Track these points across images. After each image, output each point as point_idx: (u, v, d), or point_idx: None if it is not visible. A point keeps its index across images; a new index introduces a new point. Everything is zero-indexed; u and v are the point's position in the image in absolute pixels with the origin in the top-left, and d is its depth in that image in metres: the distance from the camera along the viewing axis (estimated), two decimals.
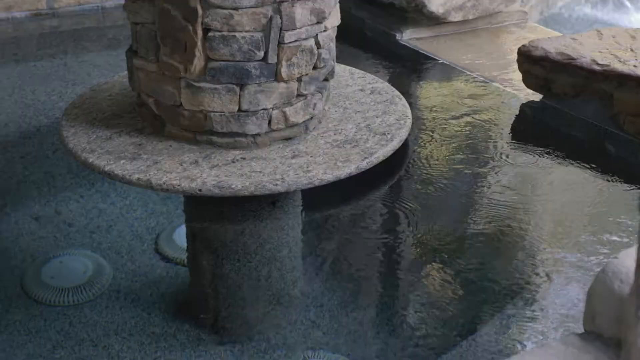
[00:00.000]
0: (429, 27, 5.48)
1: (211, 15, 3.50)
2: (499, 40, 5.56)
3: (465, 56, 5.24)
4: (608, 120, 4.17)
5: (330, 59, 3.87)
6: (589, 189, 3.86)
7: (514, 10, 5.77)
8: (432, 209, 3.68)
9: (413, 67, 5.25)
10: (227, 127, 3.68)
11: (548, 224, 3.59)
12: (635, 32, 4.47)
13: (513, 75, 4.90)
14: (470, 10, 5.46)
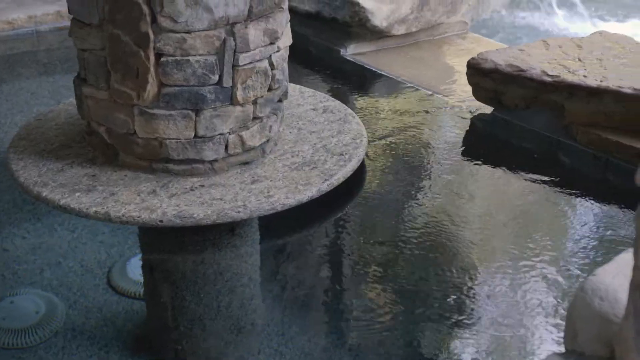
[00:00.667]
0: (372, 41, 5.48)
1: (163, 40, 3.43)
2: (442, 52, 5.59)
3: (410, 69, 5.25)
4: (560, 131, 4.21)
5: (284, 79, 3.83)
6: (541, 200, 3.88)
7: (455, 21, 5.81)
8: (388, 229, 3.66)
9: (359, 82, 5.24)
10: (183, 154, 3.61)
11: (500, 236, 3.60)
12: (580, 42, 4.52)
13: (460, 88, 4.92)
14: (413, 23, 5.48)
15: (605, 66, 4.17)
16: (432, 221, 3.67)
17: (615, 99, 3.94)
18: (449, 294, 3.17)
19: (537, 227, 3.65)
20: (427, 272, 3.34)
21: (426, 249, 3.47)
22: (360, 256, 3.48)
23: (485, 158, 4.25)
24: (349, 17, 5.29)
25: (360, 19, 5.26)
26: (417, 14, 5.46)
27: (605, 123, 4.01)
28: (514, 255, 3.42)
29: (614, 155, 3.97)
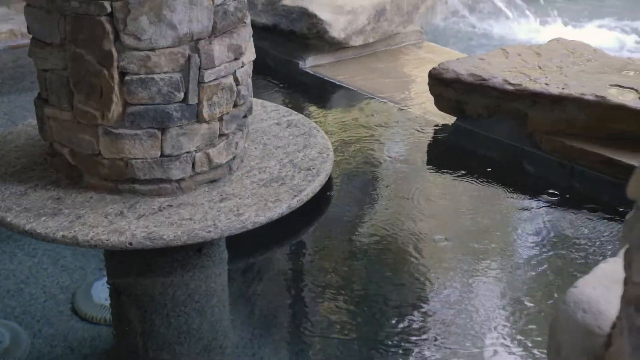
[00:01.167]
0: (330, 52, 5.48)
1: (127, 58, 3.38)
2: (400, 62, 5.61)
3: (370, 80, 5.26)
4: (524, 139, 4.24)
5: (248, 95, 3.80)
6: (506, 208, 3.90)
7: (411, 30, 5.83)
8: (353, 243, 3.64)
9: (319, 94, 5.23)
10: (150, 173, 3.56)
11: (464, 245, 3.61)
12: (539, 49, 4.56)
13: (421, 97, 4.94)
14: (370, 34, 5.48)
15: (565, 73, 4.21)
16: (397, 233, 3.67)
17: (577, 106, 3.97)
18: (418, 309, 3.17)
19: (502, 235, 3.68)
20: (392, 285, 3.33)
21: (393, 262, 3.47)
22: (327, 272, 3.45)
23: (449, 168, 4.26)
24: (307, 29, 5.28)
25: (318, 31, 5.25)
26: (374, 25, 5.47)
27: (568, 130, 4.04)
28: (476, 263, 3.44)
29: (579, 162, 4.00)
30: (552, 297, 3.25)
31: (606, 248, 3.63)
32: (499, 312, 3.14)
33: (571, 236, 3.67)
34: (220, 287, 3.51)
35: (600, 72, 4.21)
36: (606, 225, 3.76)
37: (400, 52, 5.76)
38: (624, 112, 3.88)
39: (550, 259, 3.48)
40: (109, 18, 3.32)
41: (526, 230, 3.72)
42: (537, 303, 3.21)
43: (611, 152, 3.91)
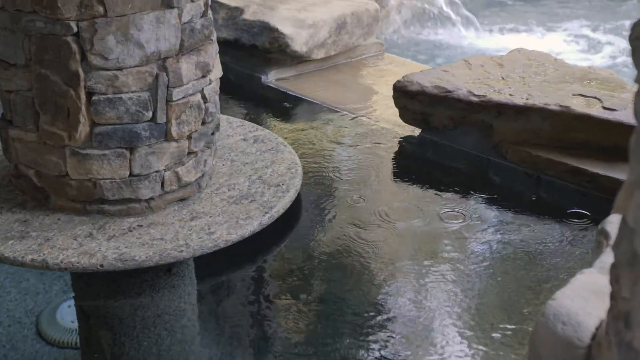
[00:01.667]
0: (292, 66, 5.50)
1: (94, 78, 3.37)
2: (361, 74, 5.64)
3: (332, 92, 5.29)
4: (490, 150, 4.29)
5: (216, 112, 3.80)
6: (472, 219, 3.94)
7: (371, 43, 5.87)
8: (325, 260, 3.65)
9: (282, 108, 5.24)
10: (118, 193, 3.54)
11: (429, 255, 3.64)
12: (501, 60, 4.62)
13: (384, 109, 4.98)
14: (331, 47, 5.51)
15: (528, 84, 4.26)
16: (365, 244, 3.70)
17: (542, 116, 4.03)
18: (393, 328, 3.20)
19: (465, 243, 3.72)
20: (367, 303, 3.35)
21: (368, 278, 3.50)
22: (296, 289, 3.45)
23: (415, 179, 4.30)
24: (269, 43, 5.29)
25: (280, 45, 5.26)
26: (335, 38, 5.50)
27: (534, 140, 4.10)
28: (441, 272, 3.48)
29: (545, 172, 4.06)
30: (516, 304, 3.30)
31: (574, 255, 3.69)
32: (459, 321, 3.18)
33: (538, 245, 3.72)
34: (190, 306, 3.50)
35: (563, 82, 4.28)
36: (574, 234, 3.82)
37: (361, 64, 5.79)
38: (588, 121, 3.94)
39: (515, 268, 3.53)
40: (75, 38, 3.30)
41: (489, 239, 3.77)
42: (499, 308, 3.26)
43: (576, 161, 3.98)
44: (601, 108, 3.98)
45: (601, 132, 3.93)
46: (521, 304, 3.31)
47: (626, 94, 4.11)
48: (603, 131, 3.92)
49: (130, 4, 3.28)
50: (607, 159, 3.94)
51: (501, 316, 3.24)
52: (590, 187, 3.94)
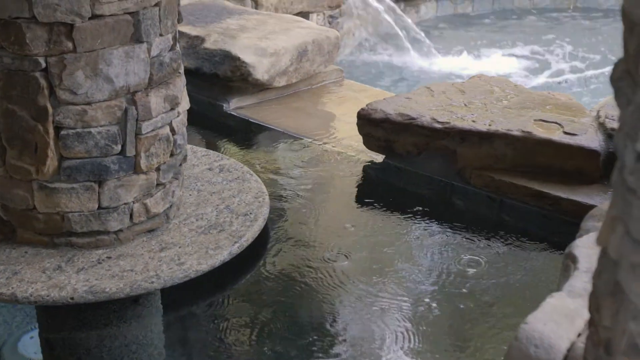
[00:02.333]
0: (254, 93, 5.57)
1: (63, 113, 3.42)
2: (322, 101, 5.74)
3: (294, 120, 5.37)
4: (453, 175, 4.40)
5: (184, 143, 3.87)
6: (435, 244, 4.05)
7: (331, 69, 5.97)
8: (292, 290, 3.72)
9: (245, 136, 5.32)
10: (87, 226, 3.59)
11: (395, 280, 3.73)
12: (462, 86, 4.75)
13: (346, 136, 5.07)
14: (293, 74, 5.60)
15: (491, 110, 4.39)
16: (332, 270, 3.79)
17: (505, 142, 4.16)
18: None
19: (431, 270, 3.82)
20: (333, 334, 3.43)
21: (331, 307, 3.59)
22: (263, 319, 3.52)
23: (379, 205, 4.40)
24: (230, 72, 5.37)
25: (242, 74, 5.34)
26: (297, 66, 5.59)
27: (497, 165, 4.22)
28: (404, 297, 3.59)
29: (509, 196, 4.18)
30: (475, 327, 3.40)
31: (538, 278, 3.80)
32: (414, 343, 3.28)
33: (499, 266, 3.83)
34: (157, 335, 3.55)
35: (524, 108, 4.41)
36: (536, 256, 3.94)
37: (322, 90, 5.89)
38: (550, 146, 4.08)
39: (476, 289, 3.64)
40: (44, 73, 3.35)
41: (451, 261, 3.87)
42: (455, 329, 3.36)
43: (539, 185, 4.11)
44: (562, 133, 4.12)
45: (563, 157, 4.07)
46: (480, 326, 3.43)
47: (585, 119, 4.26)
48: (565, 155, 4.06)
49: (100, 39, 3.34)
50: (569, 183, 4.08)
51: (460, 336, 3.36)
52: (553, 210, 4.07)
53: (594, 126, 4.20)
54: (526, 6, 11.01)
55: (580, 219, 3.57)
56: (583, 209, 3.83)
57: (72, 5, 3.27)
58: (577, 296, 2.67)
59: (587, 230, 3.11)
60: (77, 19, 3.29)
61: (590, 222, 3.18)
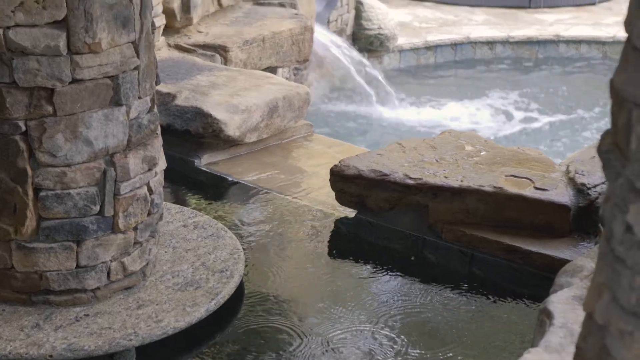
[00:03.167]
0: (225, 149, 5.65)
1: (42, 175, 3.48)
2: (293, 155, 5.84)
3: (265, 175, 5.46)
4: (425, 230, 4.50)
5: (161, 203, 3.94)
6: (406, 297, 4.14)
7: (301, 124, 6.07)
8: (266, 346, 3.78)
9: (217, 192, 5.39)
10: (65, 284, 3.65)
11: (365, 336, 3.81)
12: (433, 142, 4.86)
13: (317, 191, 5.17)
14: (264, 130, 5.70)
15: (462, 166, 4.51)
16: (304, 326, 3.87)
17: (477, 197, 4.28)
18: None
19: (402, 325, 3.90)
20: None
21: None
22: None
23: (352, 260, 4.51)
24: (202, 128, 5.45)
25: (214, 130, 5.42)
26: (268, 122, 5.69)
27: (468, 220, 4.34)
28: (377, 352, 3.67)
29: (480, 250, 4.29)
30: None
31: (510, 332, 3.90)
32: None
33: (474, 321, 3.92)
34: None
35: (494, 163, 4.54)
36: (508, 309, 4.04)
37: (292, 145, 5.99)
38: (521, 201, 4.21)
39: (461, 344, 3.72)
40: (24, 137, 3.42)
41: (423, 316, 3.96)
42: None
43: (510, 239, 4.23)
44: (533, 188, 4.25)
45: (534, 211, 4.20)
46: None
47: (555, 174, 4.40)
48: (535, 210, 4.19)
49: (80, 103, 3.43)
50: (539, 237, 4.20)
51: None
52: (524, 263, 4.18)
53: (564, 181, 4.33)
54: (488, 56, 11.22)
55: (551, 272, 3.68)
56: (554, 262, 3.96)
57: (52, 70, 3.35)
58: (553, 351, 2.76)
59: (561, 286, 3.22)
60: (57, 84, 3.37)
61: (564, 277, 3.29)
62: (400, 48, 10.78)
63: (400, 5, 12.29)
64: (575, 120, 8.98)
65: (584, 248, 4.07)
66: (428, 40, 11.00)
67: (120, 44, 3.52)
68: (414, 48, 10.94)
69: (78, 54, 3.40)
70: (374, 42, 10.38)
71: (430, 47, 11.02)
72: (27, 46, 3.32)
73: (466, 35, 11.16)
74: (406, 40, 10.84)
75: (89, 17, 3.38)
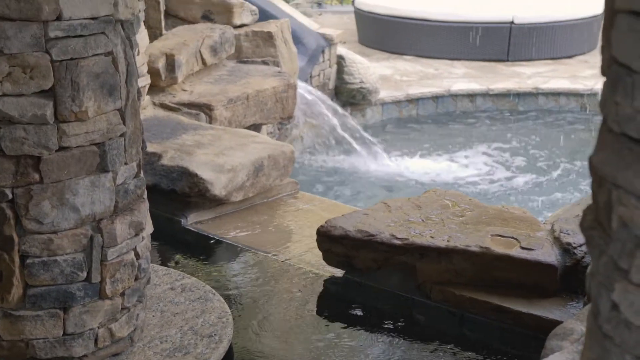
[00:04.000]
0: (211, 208, 5.61)
1: (29, 242, 3.43)
2: (279, 214, 5.80)
3: (252, 234, 5.42)
4: (413, 290, 4.46)
5: (148, 267, 3.88)
6: (392, 355, 4.09)
7: (286, 182, 6.05)
8: None
9: (203, 251, 5.34)
10: (52, 352, 3.57)
11: None
12: (418, 201, 4.84)
13: (304, 250, 5.12)
14: (250, 189, 5.67)
15: (448, 225, 4.49)
16: None
17: (464, 257, 4.25)
18: None
19: None
20: None
21: None
22: None
23: (340, 321, 4.45)
24: (188, 188, 5.42)
25: (200, 190, 5.39)
26: (253, 180, 5.66)
27: (456, 280, 4.31)
28: None
29: (469, 310, 4.25)
30: None
31: None
32: None
33: None
34: None
35: (480, 222, 4.51)
36: None
37: (278, 203, 5.96)
38: (508, 261, 4.18)
39: None
40: (10, 204, 3.37)
41: None
42: None
43: (499, 300, 4.19)
44: (519, 248, 4.22)
45: (521, 271, 4.17)
46: None
47: (541, 233, 4.38)
48: (523, 270, 4.17)
49: (66, 170, 3.39)
50: (528, 297, 4.17)
51: None
52: (513, 324, 4.14)
53: (549, 240, 4.31)
54: (469, 109, 11.26)
55: (541, 332, 3.65)
56: (543, 323, 3.92)
57: (39, 139, 3.32)
58: None
59: (552, 350, 3.18)
60: (44, 152, 3.33)
61: (554, 341, 3.25)
62: (383, 101, 10.80)
63: (381, 59, 12.36)
64: (558, 175, 8.99)
65: (572, 308, 4.05)
66: (409, 93, 11.03)
67: (106, 111, 3.49)
68: (396, 101, 10.96)
69: (65, 122, 3.37)
70: (357, 96, 10.41)
71: (412, 100, 11.04)
72: (15, 115, 3.29)
73: (447, 88, 11.21)
74: (388, 94, 10.87)
75: (76, 86, 3.36)
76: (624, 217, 1.64)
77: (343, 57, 10.25)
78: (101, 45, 3.43)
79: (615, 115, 1.72)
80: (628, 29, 1.70)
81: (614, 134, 1.74)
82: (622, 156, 1.68)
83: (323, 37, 9.83)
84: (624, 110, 1.68)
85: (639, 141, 1.66)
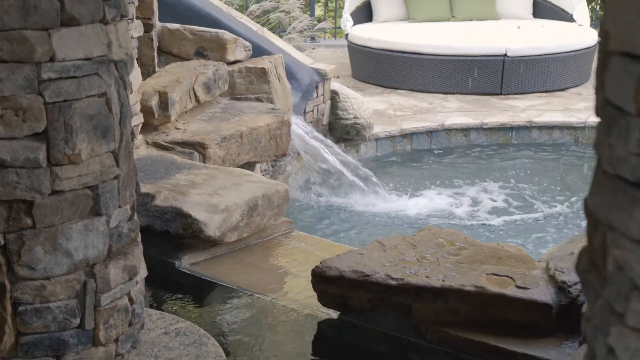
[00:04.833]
0: (205, 249, 5.60)
1: (21, 289, 3.42)
2: (273, 254, 5.79)
3: (246, 275, 5.40)
4: (409, 331, 4.45)
5: (142, 312, 3.87)
6: None
7: (281, 221, 6.04)
8: None
9: (198, 294, 5.32)
10: None
11: None
12: (413, 240, 4.84)
13: (299, 291, 5.10)
14: (244, 229, 5.66)
15: (443, 264, 4.48)
16: None
17: (459, 297, 4.24)
18: None
19: None
20: None
21: None
22: None
23: None
24: (182, 229, 5.41)
25: (194, 231, 5.38)
26: (248, 220, 5.66)
27: (452, 320, 4.29)
28: None
29: (465, 350, 4.24)
30: None
31: None
32: None
33: None
34: None
35: (475, 261, 4.51)
36: None
37: (272, 243, 5.95)
38: (503, 301, 4.17)
39: None
40: (2, 250, 3.37)
41: None
42: None
43: (494, 340, 4.18)
44: (514, 287, 4.22)
45: (516, 311, 4.17)
46: None
47: (535, 271, 4.38)
48: (518, 309, 4.16)
49: (59, 215, 3.38)
50: (524, 336, 4.16)
51: None
52: None
53: (544, 279, 4.31)
54: (463, 143, 11.26)
55: None
56: None
57: (32, 183, 3.32)
58: None
59: None
60: (37, 196, 3.33)
61: None
62: (377, 136, 10.79)
63: (375, 93, 12.38)
64: (553, 211, 8.98)
65: (568, 348, 4.03)
66: (403, 128, 11.03)
67: (100, 153, 3.50)
68: (390, 136, 10.96)
69: (58, 166, 3.37)
70: (350, 131, 10.40)
71: (406, 134, 11.04)
72: (7, 159, 3.29)
73: (441, 122, 11.21)
74: (382, 129, 10.87)
75: (69, 128, 3.36)
76: (619, 260, 1.64)
77: (337, 92, 10.26)
78: (94, 86, 3.44)
79: (609, 156, 1.72)
80: (622, 70, 1.71)
81: (609, 176, 1.75)
82: (616, 198, 1.68)
83: (316, 72, 9.84)
84: (617, 152, 1.68)
85: (633, 183, 1.66)
